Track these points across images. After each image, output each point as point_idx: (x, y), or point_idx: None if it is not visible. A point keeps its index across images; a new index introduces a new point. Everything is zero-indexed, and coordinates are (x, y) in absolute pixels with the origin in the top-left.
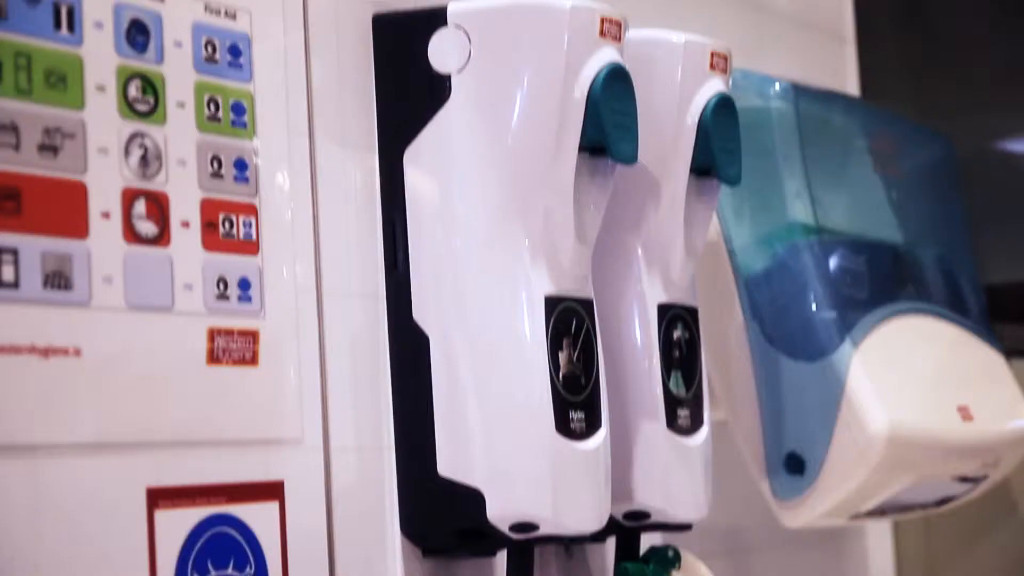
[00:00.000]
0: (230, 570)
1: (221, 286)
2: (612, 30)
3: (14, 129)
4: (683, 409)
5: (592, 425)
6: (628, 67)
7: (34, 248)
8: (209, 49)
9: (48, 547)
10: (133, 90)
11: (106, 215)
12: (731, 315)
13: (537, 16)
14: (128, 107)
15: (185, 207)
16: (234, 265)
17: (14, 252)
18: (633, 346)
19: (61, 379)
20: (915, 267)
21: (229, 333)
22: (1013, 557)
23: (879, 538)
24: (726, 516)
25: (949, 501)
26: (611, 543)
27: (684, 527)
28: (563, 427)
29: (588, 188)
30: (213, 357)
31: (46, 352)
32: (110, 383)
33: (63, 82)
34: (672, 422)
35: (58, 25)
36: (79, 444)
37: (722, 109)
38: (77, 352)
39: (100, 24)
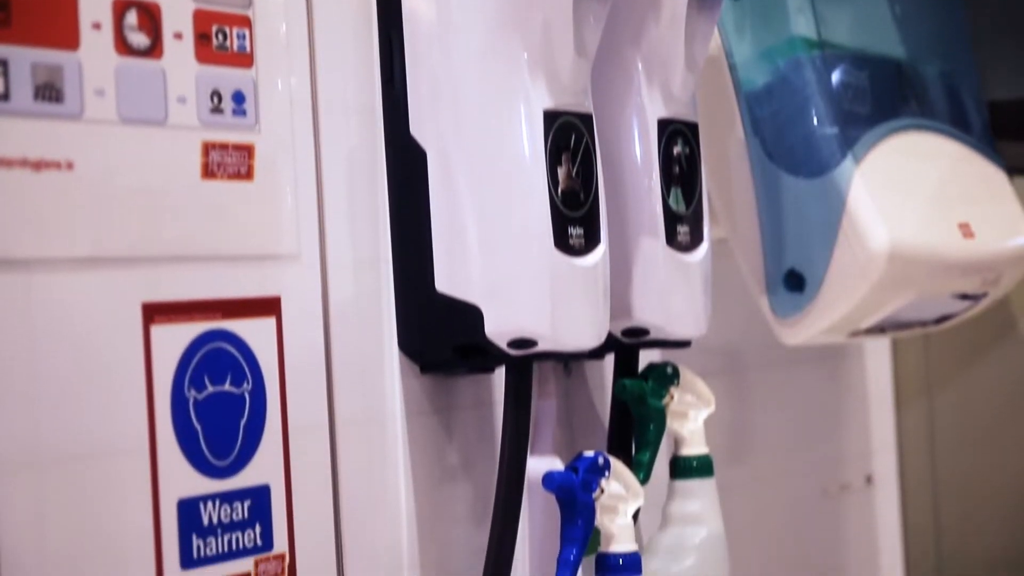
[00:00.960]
0: (227, 386)
1: (215, 99)
2: None
3: None
4: (683, 226)
5: (591, 241)
6: None
7: (24, 59)
8: None
9: (43, 363)
10: None
11: (96, 26)
12: (731, 131)
13: None
14: None
15: (177, 18)
16: (228, 78)
17: (4, 63)
18: (633, 162)
19: (54, 193)
20: (918, 83)
21: (223, 147)
22: (1012, 375)
23: (878, 356)
24: (725, 334)
25: (949, 319)
26: (610, 360)
27: (683, 344)
28: (562, 243)
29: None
30: (207, 171)
31: (38, 165)
32: (103, 197)
33: None
34: (672, 238)
35: None
36: (73, 259)
37: None
38: (70, 166)
39: None
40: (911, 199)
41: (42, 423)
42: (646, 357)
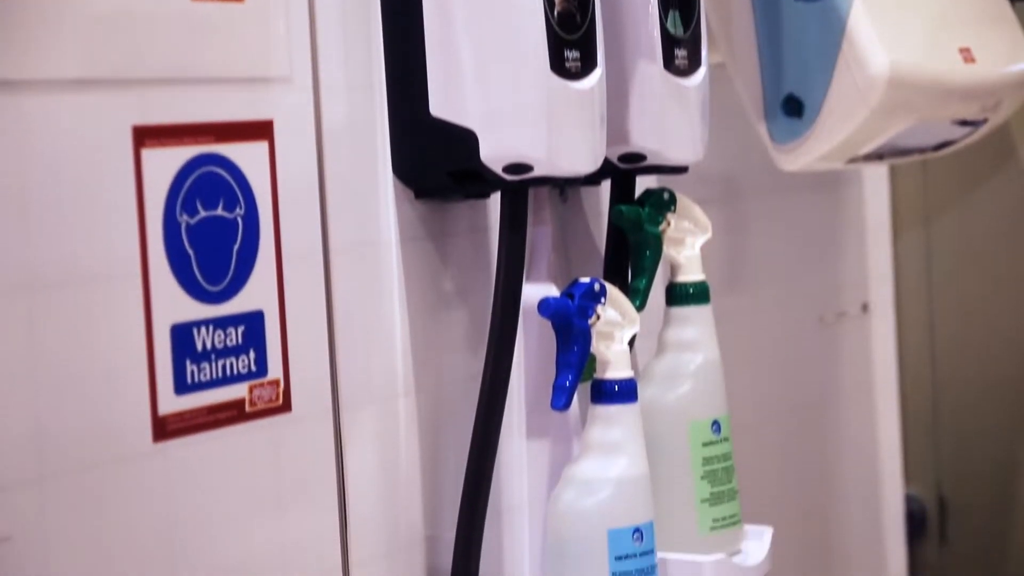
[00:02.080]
0: (219, 210)
1: None
2: None
3: None
4: (680, 50)
5: (587, 65)
6: None
7: None
8: None
9: (34, 187)
10: None
11: None
12: None
13: None
14: None
15: None
16: None
17: None
18: None
19: (41, 13)
20: None
21: None
22: (1010, 203)
23: (876, 183)
24: (722, 161)
25: (948, 145)
26: (606, 187)
27: (680, 170)
28: (558, 66)
29: None
30: None
31: None
32: (91, 18)
33: None
34: (669, 63)
35: None
36: (62, 80)
37: None
38: None
39: None
40: (912, 23)
41: (33, 248)
42: (643, 184)
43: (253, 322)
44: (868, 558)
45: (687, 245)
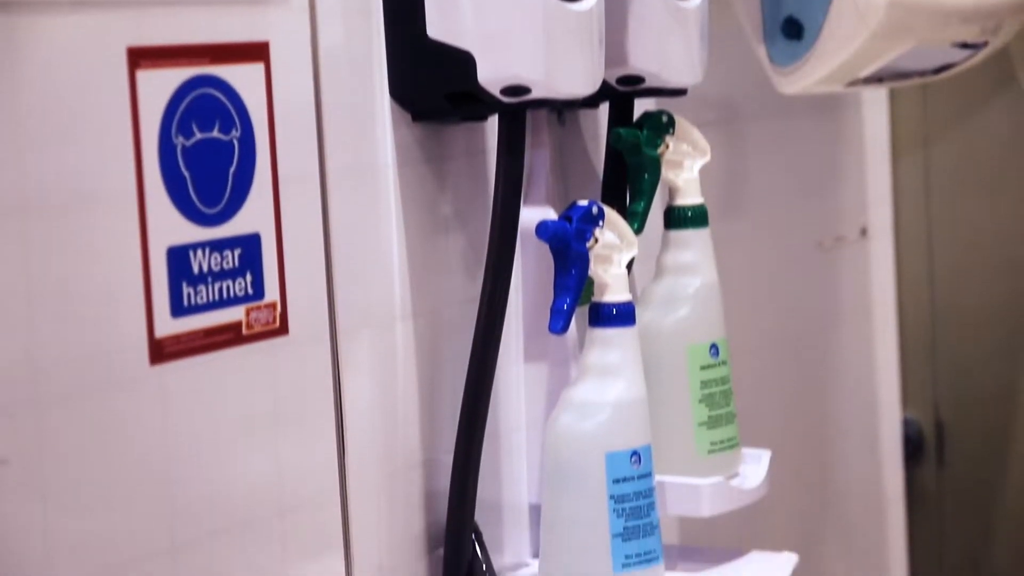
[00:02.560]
0: (215, 133)
1: None
2: None
3: None
4: None
5: None
6: None
7: None
8: None
9: (28, 108)
10: None
11: None
12: None
13: None
14: None
15: None
16: None
17: None
18: None
19: None
20: None
21: None
22: (1009, 127)
23: (875, 107)
24: (721, 84)
25: (948, 69)
26: (604, 110)
27: (678, 92)
28: None
29: None
30: None
31: None
32: None
33: None
34: None
35: None
36: (57, 1)
37: None
38: None
39: None
40: None
41: (27, 170)
42: (641, 106)
43: (249, 245)
44: (865, 482)
45: (685, 168)
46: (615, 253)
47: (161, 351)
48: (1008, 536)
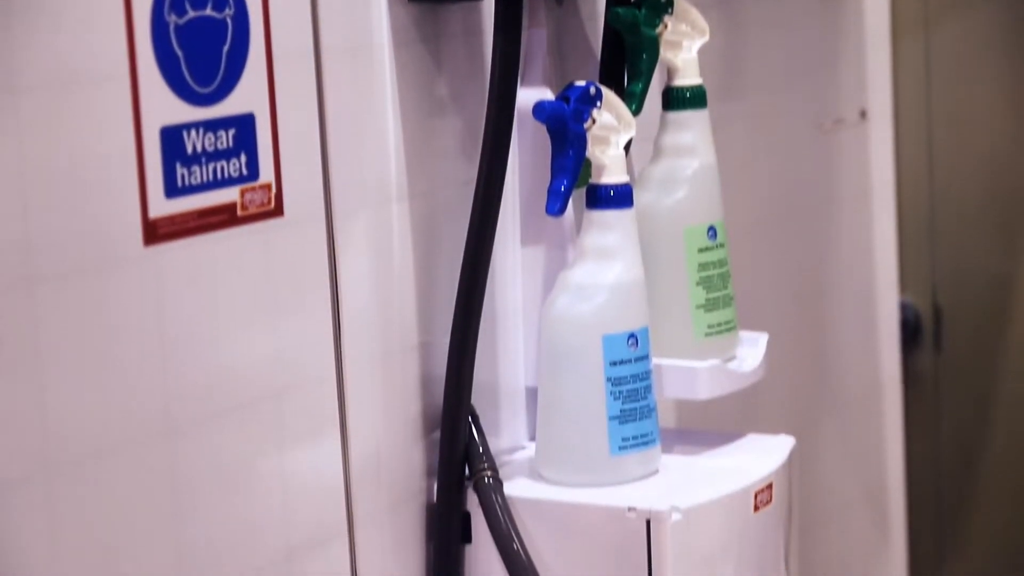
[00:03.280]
0: (208, 10)
1: None
2: None
3: None
4: None
5: None
6: None
7: None
8: None
9: None
10: None
11: None
12: None
13: None
14: None
15: None
16: None
17: None
18: None
19: None
20: None
21: None
22: (1010, 9)
23: None
24: None
25: None
26: None
27: None
28: None
29: None
30: None
31: None
32: None
33: None
34: None
35: None
36: None
37: None
38: None
39: None
40: None
41: (16, 50)
42: None
43: (244, 125)
44: (862, 365)
45: (684, 48)
46: (613, 134)
47: (155, 232)
48: (1003, 420)
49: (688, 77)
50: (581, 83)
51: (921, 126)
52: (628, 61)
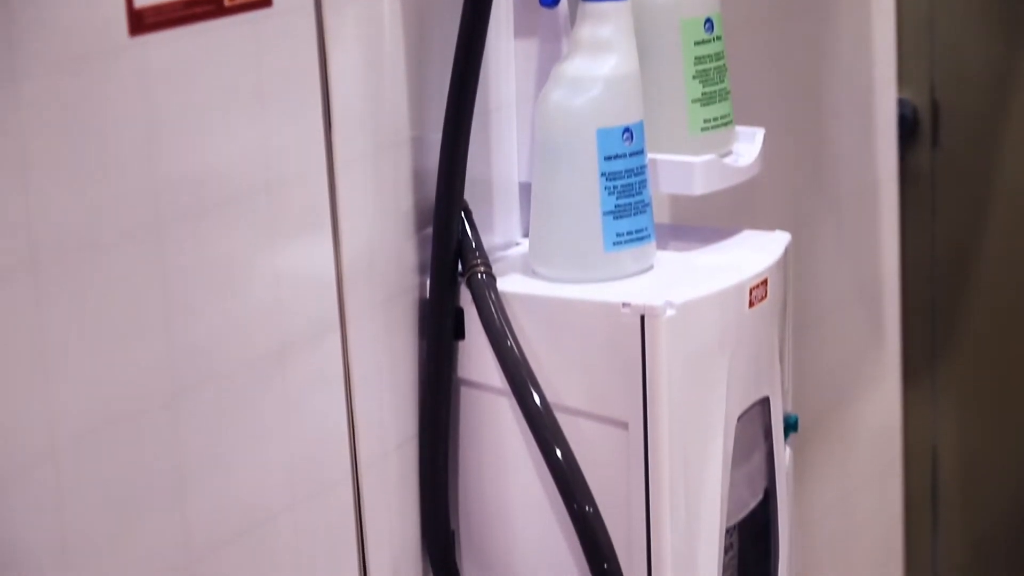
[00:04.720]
0: None
1: None
2: None
3: None
4: None
5: None
6: None
7: None
8: None
9: None
10: None
11: None
12: None
13: None
14: None
15: None
16: None
17: None
18: None
19: None
20: None
21: None
22: None
23: None
24: None
25: None
26: None
27: None
28: None
29: None
30: None
31: None
32: None
33: None
34: None
35: None
36: None
37: None
38: None
39: None
40: None
41: None
42: None
43: None
44: (859, 161)
45: None
46: None
47: (141, 21)
48: (1000, 217)
49: None
50: None
51: None
52: None
